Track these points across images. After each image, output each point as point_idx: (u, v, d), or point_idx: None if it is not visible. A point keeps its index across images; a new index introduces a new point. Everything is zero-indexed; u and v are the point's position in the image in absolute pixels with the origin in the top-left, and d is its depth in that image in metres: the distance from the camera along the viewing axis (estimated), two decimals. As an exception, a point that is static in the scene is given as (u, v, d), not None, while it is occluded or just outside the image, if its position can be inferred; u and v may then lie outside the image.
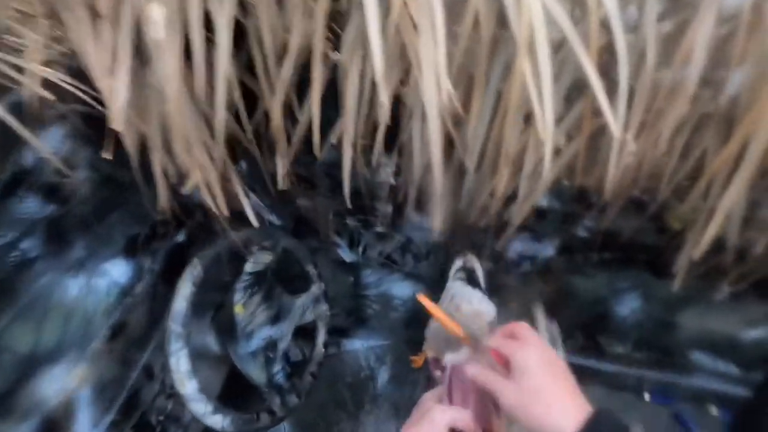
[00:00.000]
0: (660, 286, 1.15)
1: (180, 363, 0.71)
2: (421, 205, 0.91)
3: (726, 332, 1.19)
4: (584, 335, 1.24)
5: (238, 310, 0.80)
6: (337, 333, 1.42)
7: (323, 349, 0.93)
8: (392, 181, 0.81)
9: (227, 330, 0.80)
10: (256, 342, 0.82)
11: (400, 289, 1.30)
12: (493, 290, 1.13)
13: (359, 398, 1.29)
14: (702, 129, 0.65)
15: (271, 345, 0.85)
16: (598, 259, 1.12)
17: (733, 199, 0.62)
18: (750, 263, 0.83)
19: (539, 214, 1.04)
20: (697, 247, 0.69)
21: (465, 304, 0.65)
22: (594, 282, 1.21)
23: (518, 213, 0.79)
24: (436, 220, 0.75)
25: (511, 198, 0.77)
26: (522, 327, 0.49)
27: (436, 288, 1.31)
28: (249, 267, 0.82)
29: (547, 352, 0.45)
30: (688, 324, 1.24)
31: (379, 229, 0.97)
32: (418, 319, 1.39)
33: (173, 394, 0.79)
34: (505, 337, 0.48)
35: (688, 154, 0.68)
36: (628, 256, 1.07)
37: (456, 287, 0.75)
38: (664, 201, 0.83)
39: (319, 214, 1.05)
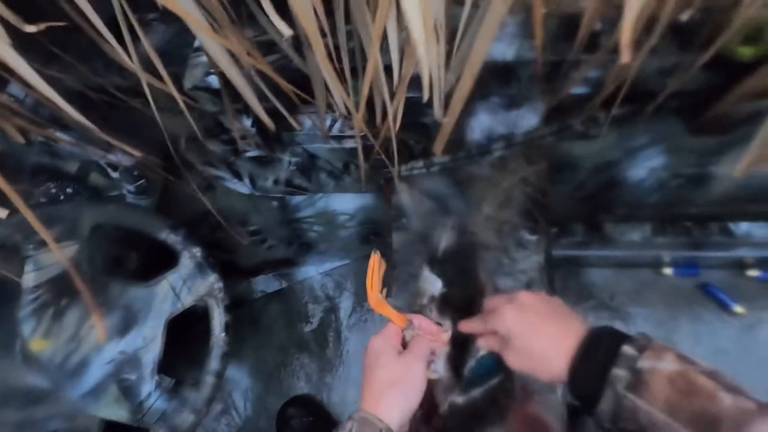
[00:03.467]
0: (692, 138, 0.79)
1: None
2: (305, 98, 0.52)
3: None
4: (584, 223, 0.94)
5: (38, 346, 0.50)
6: (282, 265, 1.15)
7: (224, 335, 0.65)
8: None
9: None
10: (97, 371, 0.55)
11: (341, 203, 0.98)
12: (457, 193, 0.80)
13: (322, 335, 1.09)
14: None
15: (126, 364, 0.57)
16: (606, 117, 0.75)
17: None
18: None
19: (505, 70, 0.63)
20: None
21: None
22: (598, 145, 0.85)
23: (468, 68, 0.41)
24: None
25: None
26: (491, 301, 0.51)
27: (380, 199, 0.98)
28: (30, 279, 0.50)
29: (522, 305, 0.46)
30: (725, 174, 0.92)
31: (253, 152, 0.60)
32: (376, 231, 1.10)
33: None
34: (486, 315, 0.50)
35: None
36: (649, 107, 0.69)
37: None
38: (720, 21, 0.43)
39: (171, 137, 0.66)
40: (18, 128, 0.52)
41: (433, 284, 0.68)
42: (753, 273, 0.95)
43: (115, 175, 0.73)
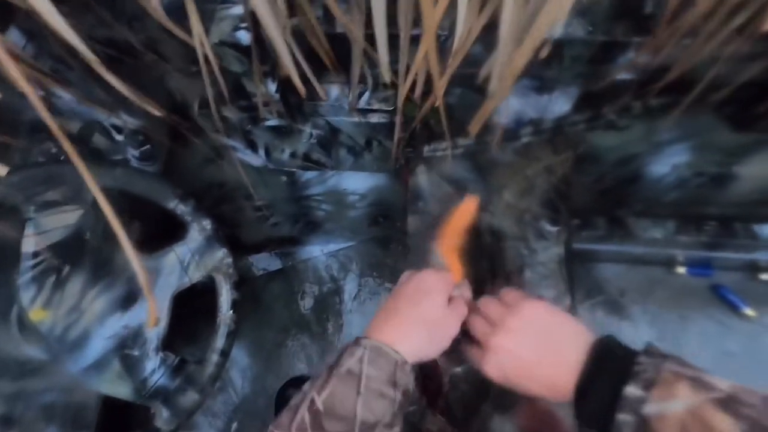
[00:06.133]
0: (725, 134, 0.77)
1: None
2: (338, 68, 0.48)
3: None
4: (606, 217, 0.91)
5: (37, 316, 0.46)
6: (287, 243, 1.11)
7: (231, 313, 0.62)
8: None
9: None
10: (99, 345, 0.51)
11: (352, 181, 0.94)
12: (478, 179, 0.77)
13: (324, 316, 1.06)
14: None
15: (130, 338, 0.54)
16: (642, 108, 0.72)
17: None
18: None
19: (552, 51, 0.59)
20: None
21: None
22: (625, 136, 0.82)
23: (525, 46, 0.37)
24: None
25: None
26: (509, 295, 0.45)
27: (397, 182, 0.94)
28: (30, 244, 0.46)
29: (516, 330, 0.41)
30: (750, 175, 0.90)
31: (273, 121, 0.56)
32: (385, 213, 1.07)
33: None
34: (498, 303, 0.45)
35: None
36: (707, 98, 0.66)
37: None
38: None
39: (181, 101, 0.62)
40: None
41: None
42: (766, 277, 0.94)
43: (119, 138, 0.68)
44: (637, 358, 0.35)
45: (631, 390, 0.33)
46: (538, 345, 0.39)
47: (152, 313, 0.47)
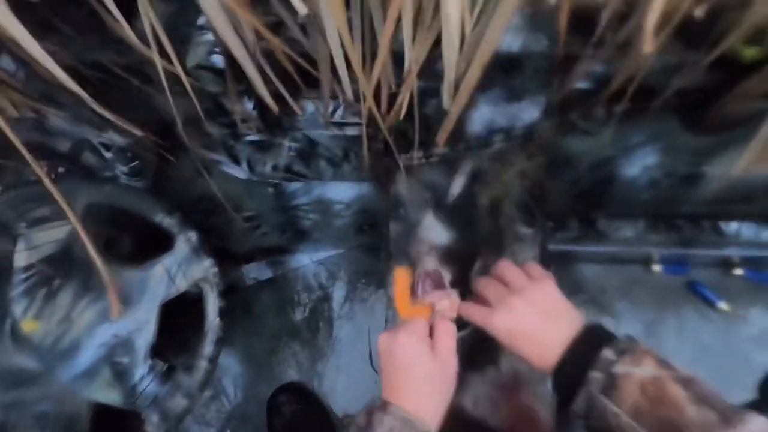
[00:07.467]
0: (689, 137, 0.80)
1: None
2: (312, 82, 0.51)
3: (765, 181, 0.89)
4: (579, 219, 0.94)
5: (30, 327, 0.49)
6: (276, 252, 1.14)
7: (218, 320, 0.65)
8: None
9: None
10: (89, 353, 0.54)
11: (337, 191, 0.97)
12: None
13: (314, 323, 1.09)
14: None
15: (119, 347, 0.56)
16: (606, 114, 0.75)
17: None
18: None
19: (511, 63, 0.63)
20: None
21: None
22: (595, 141, 0.86)
23: (476, 62, 0.40)
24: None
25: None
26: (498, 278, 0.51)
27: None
28: (22, 258, 0.48)
29: (533, 300, 0.46)
30: (717, 174, 0.94)
31: (253, 136, 0.59)
32: (370, 221, 1.10)
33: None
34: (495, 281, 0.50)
35: None
36: (651, 105, 0.70)
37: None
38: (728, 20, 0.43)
39: (166, 119, 0.65)
40: (10, 102, 0.50)
41: (438, 233, 0.68)
42: (739, 272, 0.97)
43: (108, 155, 0.71)
44: (618, 337, 0.42)
45: (606, 353, 0.39)
46: (546, 317, 0.45)
47: (114, 303, 0.49)
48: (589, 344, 0.41)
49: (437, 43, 0.40)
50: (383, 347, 0.46)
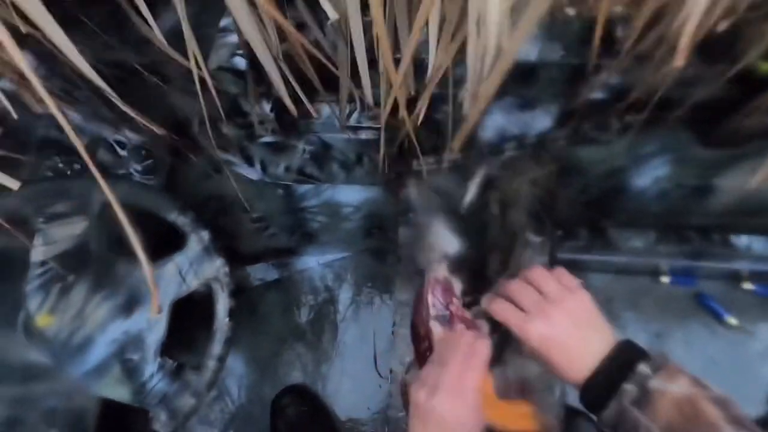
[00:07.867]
0: (701, 150, 0.80)
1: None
2: (327, 85, 0.51)
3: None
4: (588, 228, 0.94)
5: (44, 321, 0.49)
6: (283, 254, 1.14)
7: (227, 320, 0.65)
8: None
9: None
10: (100, 350, 0.54)
11: (347, 194, 0.97)
12: (466, 191, 0.80)
13: (319, 325, 1.09)
14: None
15: (130, 344, 0.57)
16: (620, 125, 0.75)
17: None
18: None
19: (527, 72, 0.63)
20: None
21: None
22: (608, 151, 0.86)
23: (493, 73, 0.41)
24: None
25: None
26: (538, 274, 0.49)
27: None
28: (39, 253, 0.49)
29: (569, 310, 0.45)
30: (728, 187, 0.93)
31: (268, 138, 0.60)
32: (378, 225, 1.10)
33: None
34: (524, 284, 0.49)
35: None
36: (664, 116, 0.70)
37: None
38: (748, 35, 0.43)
39: (182, 118, 0.66)
40: (33, 98, 0.50)
41: (448, 241, 0.68)
42: (748, 286, 0.97)
43: (123, 153, 0.71)
44: (652, 354, 0.41)
45: (642, 368, 0.39)
46: (579, 327, 0.45)
47: (154, 301, 0.49)
48: (625, 358, 0.41)
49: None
50: (421, 399, 0.44)
